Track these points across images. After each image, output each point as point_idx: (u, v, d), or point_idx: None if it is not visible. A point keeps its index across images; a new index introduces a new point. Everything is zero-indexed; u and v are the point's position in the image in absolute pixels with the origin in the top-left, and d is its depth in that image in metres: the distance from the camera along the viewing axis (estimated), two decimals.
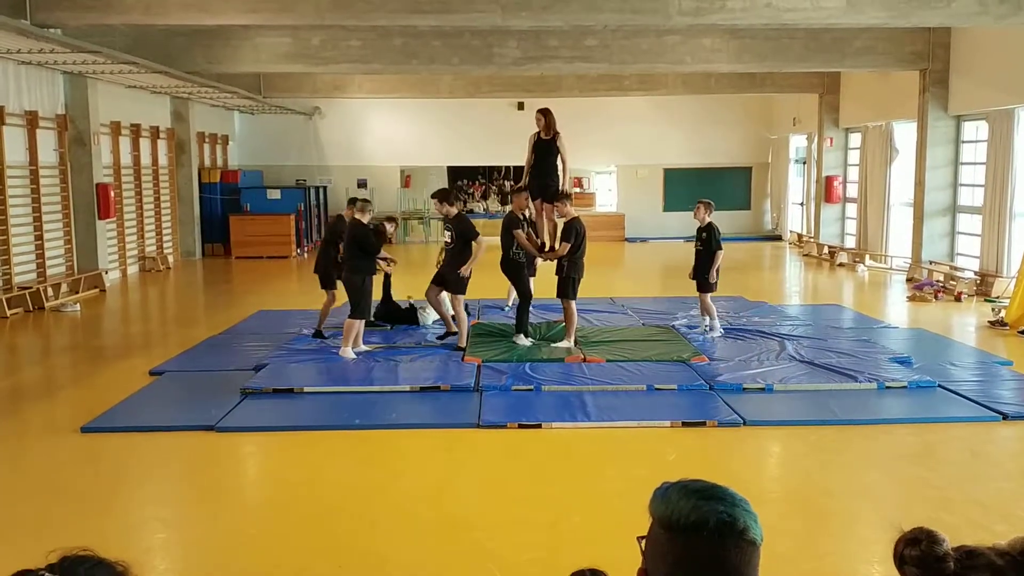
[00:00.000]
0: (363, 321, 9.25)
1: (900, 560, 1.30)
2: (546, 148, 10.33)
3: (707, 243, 9.90)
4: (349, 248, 9.24)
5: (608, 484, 5.75)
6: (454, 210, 9.57)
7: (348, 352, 9.04)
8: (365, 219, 9.28)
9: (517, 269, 9.56)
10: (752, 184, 23.81)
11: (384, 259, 10.06)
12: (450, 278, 9.46)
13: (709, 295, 10.05)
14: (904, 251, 16.17)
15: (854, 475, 6.00)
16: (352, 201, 9.67)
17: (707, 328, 10.14)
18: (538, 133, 10.37)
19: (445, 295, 9.67)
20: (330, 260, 9.98)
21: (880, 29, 13.95)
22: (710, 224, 9.93)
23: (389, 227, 10.83)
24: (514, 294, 11.06)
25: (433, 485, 5.79)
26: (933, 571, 1.26)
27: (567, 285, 9.36)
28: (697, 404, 7.42)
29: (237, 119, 22.76)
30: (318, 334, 9.97)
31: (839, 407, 7.31)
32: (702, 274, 9.96)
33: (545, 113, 10.40)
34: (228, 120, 22.23)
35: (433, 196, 9.78)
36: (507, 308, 11.61)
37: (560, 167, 10.38)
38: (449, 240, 9.63)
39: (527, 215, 9.88)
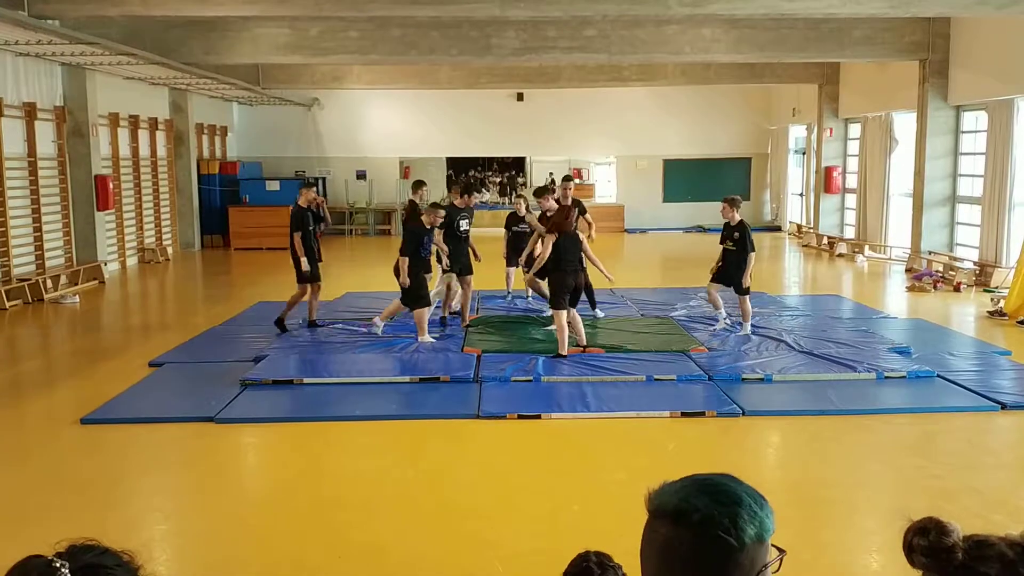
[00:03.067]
0: (430, 308, 9.49)
1: (909, 549, 1.29)
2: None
3: (741, 243, 9.34)
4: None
5: (608, 474, 5.76)
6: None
7: (427, 338, 9.21)
8: (427, 221, 9.27)
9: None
10: (752, 175, 23.77)
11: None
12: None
13: (747, 297, 9.55)
14: (903, 241, 16.17)
15: (853, 465, 6.01)
16: (417, 184, 10.50)
17: (730, 324, 9.88)
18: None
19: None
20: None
21: (880, 19, 13.91)
22: (742, 223, 9.37)
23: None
24: (512, 283, 11.58)
25: (433, 476, 5.80)
26: (942, 561, 1.25)
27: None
28: (696, 394, 7.43)
29: (236, 110, 22.72)
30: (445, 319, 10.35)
31: (838, 397, 7.32)
32: (737, 277, 9.39)
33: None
34: (227, 111, 22.18)
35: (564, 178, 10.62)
36: (508, 297, 11.68)
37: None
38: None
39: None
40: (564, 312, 8.60)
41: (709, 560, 1.26)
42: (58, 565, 1.18)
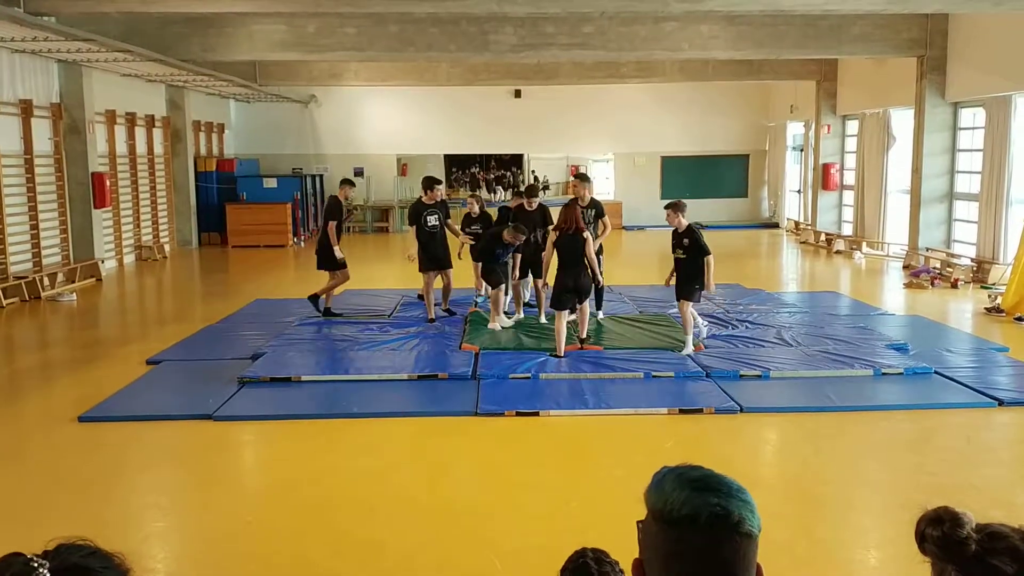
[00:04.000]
0: (502, 292, 9.80)
1: (921, 538, 1.29)
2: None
3: (692, 250, 8.50)
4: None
5: (606, 471, 5.76)
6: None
7: (495, 324, 9.56)
8: (508, 240, 9.51)
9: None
10: (750, 172, 23.79)
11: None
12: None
13: (691, 304, 8.67)
14: (901, 238, 16.18)
15: (850, 461, 6.02)
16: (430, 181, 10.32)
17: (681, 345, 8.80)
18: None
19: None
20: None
21: (877, 15, 13.91)
22: (690, 227, 8.58)
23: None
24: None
25: (431, 473, 5.80)
26: (954, 553, 1.25)
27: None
28: (694, 391, 7.44)
29: (233, 107, 22.68)
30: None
31: (835, 394, 7.32)
32: (690, 283, 8.57)
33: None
34: (224, 108, 22.15)
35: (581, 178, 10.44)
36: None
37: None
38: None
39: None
40: (564, 313, 8.59)
41: (730, 555, 1.26)
42: (36, 565, 1.16)
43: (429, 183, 10.26)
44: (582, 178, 10.64)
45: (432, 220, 10.05)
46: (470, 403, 7.11)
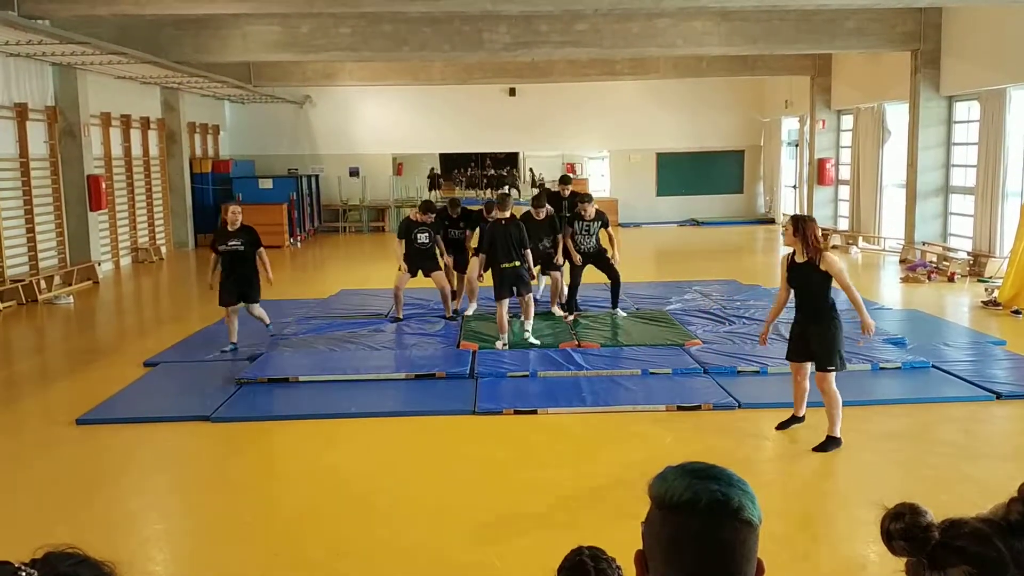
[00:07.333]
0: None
1: (887, 535, 1.31)
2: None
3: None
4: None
5: (604, 468, 5.76)
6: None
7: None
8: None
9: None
10: (745, 167, 23.79)
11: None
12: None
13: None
14: (897, 232, 16.19)
15: (849, 456, 6.02)
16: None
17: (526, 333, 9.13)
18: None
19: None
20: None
21: (871, 10, 13.92)
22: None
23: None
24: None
25: (429, 472, 5.80)
26: (919, 542, 1.26)
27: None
28: (692, 388, 7.44)
29: (228, 108, 22.64)
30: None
31: None
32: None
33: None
34: (218, 110, 22.11)
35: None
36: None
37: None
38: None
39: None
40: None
41: (730, 541, 1.27)
42: (24, 574, 1.14)
43: (424, 207, 10.50)
44: (564, 180, 10.68)
45: (422, 237, 10.33)
46: (468, 402, 7.11)
